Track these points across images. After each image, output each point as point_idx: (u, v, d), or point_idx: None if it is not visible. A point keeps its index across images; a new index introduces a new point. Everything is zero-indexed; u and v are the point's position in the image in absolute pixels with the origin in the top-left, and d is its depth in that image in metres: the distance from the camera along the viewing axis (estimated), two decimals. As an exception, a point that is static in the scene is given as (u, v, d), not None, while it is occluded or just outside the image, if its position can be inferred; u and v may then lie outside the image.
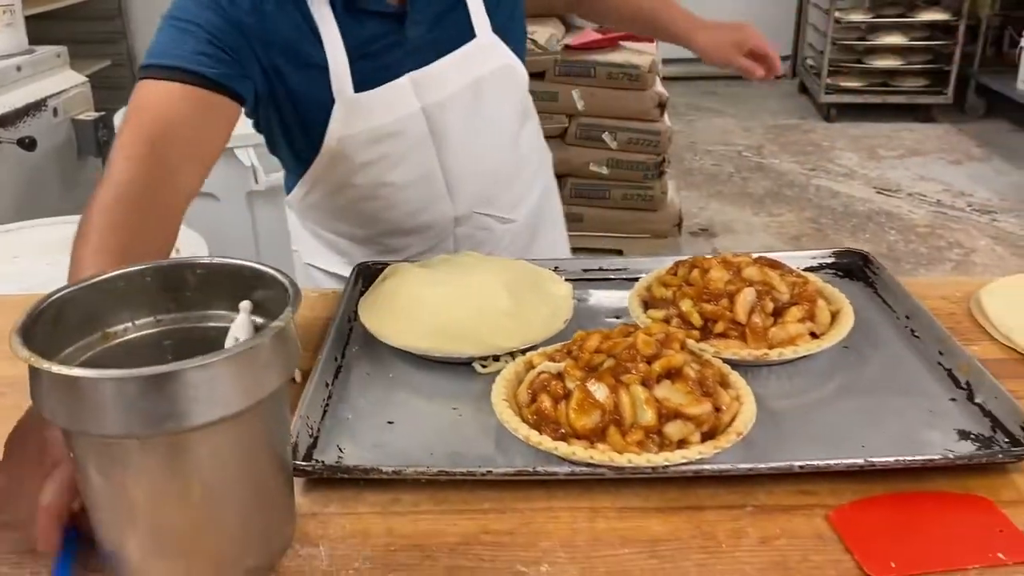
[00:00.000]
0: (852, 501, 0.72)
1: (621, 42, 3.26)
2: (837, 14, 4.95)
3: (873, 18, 5.01)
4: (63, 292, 0.63)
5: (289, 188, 1.25)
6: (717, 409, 0.78)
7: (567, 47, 3.24)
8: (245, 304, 0.64)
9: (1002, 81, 4.80)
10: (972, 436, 0.79)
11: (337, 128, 1.08)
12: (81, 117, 2.50)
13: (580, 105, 3.27)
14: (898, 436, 0.79)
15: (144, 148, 0.89)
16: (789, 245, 3.48)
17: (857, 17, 5.01)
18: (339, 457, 0.78)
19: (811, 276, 1.01)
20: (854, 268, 1.12)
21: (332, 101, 1.06)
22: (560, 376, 0.81)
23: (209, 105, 0.95)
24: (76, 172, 2.51)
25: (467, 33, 1.12)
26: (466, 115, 1.15)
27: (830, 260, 1.13)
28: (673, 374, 0.78)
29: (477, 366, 0.91)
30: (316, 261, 1.30)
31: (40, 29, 2.74)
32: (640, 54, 3.19)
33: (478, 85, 1.14)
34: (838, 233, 3.62)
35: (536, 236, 1.34)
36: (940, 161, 4.44)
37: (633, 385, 0.76)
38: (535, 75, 3.33)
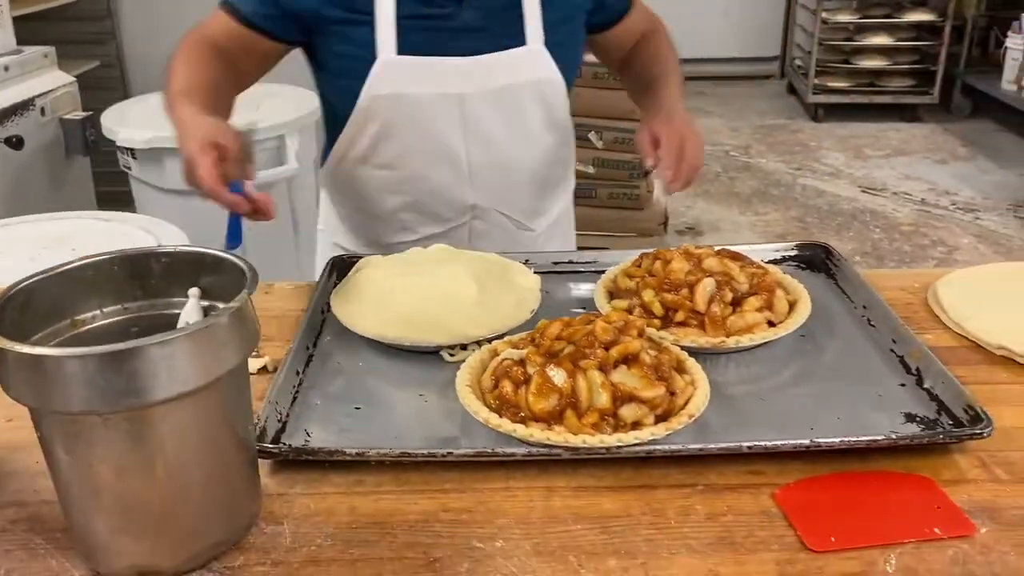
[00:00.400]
0: (798, 480, 0.74)
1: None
2: (824, 15, 4.99)
3: (860, 19, 5.05)
4: (30, 280, 0.65)
5: (324, 157, 1.28)
6: (672, 393, 0.81)
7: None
8: (194, 291, 0.66)
9: (988, 81, 4.84)
10: (918, 419, 0.81)
11: (372, 86, 1.12)
12: (69, 117, 2.51)
13: (566, 105, 3.30)
14: (847, 419, 0.82)
15: (201, 43, 1.13)
16: (774, 243, 3.50)
17: (844, 18, 5.05)
18: (306, 440, 0.80)
19: (772, 268, 1.04)
20: (816, 260, 1.14)
21: (374, 57, 1.11)
22: (522, 362, 0.83)
23: (243, 37, 1.14)
24: (64, 171, 2.53)
25: (519, 37, 1.15)
26: (501, 115, 1.17)
27: (793, 252, 1.16)
28: (629, 359, 0.81)
29: (445, 355, 0.94)
30: (340, 240, 1.34)
31: (29, 30, 2.76)
32: (625, 54, 3.21)
33: (518, 90, 1.17)
34: (823, 232, 3.65)
35: (548, 247, 1.34)
36: (925, 160, 4.47)
37: (590, 370, 0.79)
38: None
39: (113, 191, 2.74)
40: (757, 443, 0.75)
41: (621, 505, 0.72)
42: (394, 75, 1.12)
